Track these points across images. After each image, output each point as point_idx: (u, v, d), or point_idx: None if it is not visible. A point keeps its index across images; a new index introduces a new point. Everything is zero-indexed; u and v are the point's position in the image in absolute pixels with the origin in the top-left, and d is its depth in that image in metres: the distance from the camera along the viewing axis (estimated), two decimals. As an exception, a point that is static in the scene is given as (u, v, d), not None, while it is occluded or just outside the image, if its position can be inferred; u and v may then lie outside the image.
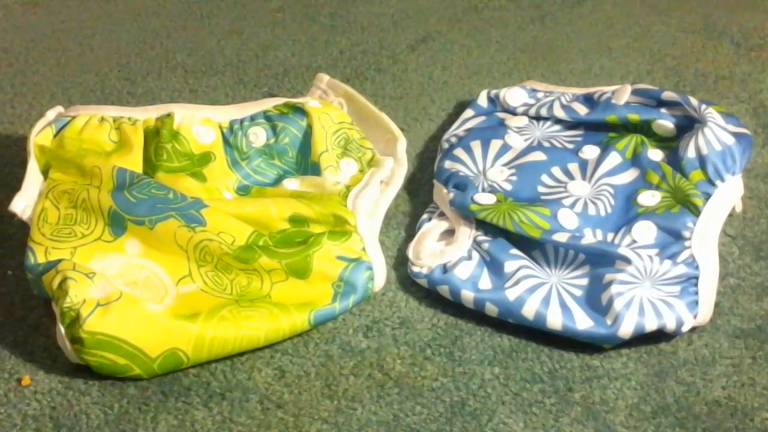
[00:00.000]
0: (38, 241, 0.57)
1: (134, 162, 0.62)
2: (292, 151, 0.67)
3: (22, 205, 0.59)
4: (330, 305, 0.57)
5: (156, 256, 0.57)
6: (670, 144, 0.66)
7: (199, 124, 0.65)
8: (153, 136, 0.64)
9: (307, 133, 0.67)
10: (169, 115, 0.65)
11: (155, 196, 0.58)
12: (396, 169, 0.67)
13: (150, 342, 0.53)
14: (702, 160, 0.63)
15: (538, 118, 0.71)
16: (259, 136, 0.66)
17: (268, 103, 0.68)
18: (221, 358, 0.55)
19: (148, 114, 0.65)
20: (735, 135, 0.64)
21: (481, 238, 0.60)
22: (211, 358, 0.55)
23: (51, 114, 0.65)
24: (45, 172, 0.61)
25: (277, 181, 0.66)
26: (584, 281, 0.58)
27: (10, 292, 0.60)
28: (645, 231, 0.60)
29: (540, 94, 0.72)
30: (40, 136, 0.63)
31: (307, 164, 0.66)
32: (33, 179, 0.61)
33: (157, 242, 0.57)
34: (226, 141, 0.66)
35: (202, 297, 0.56)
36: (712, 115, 0.64)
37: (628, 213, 0.62)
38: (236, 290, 0.57)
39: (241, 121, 0.66)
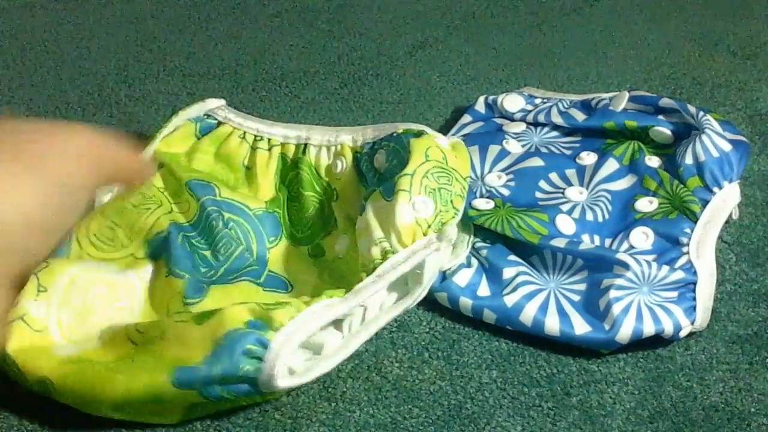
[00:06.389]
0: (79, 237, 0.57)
1: (256, 194, 0.61)
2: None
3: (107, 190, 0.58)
4: (196, 364, 0.48)
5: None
6: (668, 151, 0.66)
7: (335, 155, 0.61)
8: (289, 170, 0.61)
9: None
10: (305, 147, 0.61)
11: (197, 258, 0.57)
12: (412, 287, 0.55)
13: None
14: (699, 167, 0.63)
15: (535, 124, 0.71)
16: (379, 160, 0.59)
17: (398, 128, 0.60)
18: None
19: (287, 137, 0.62)
20: (732, 142, 0.64)
21: (480, 244, 0.60)
22: (76, 398, 0.50)
23: (211, 104, 0.65)
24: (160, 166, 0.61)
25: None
26: (582, 286, 0.58)
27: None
28: (642, 237, 0.60)
29: (538, 101, 0.73)
30: (182, 130, 0.63)
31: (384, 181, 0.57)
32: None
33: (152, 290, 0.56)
34: (358, 168, 0.60)
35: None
36: (710, 122, 0.65)
37: (625, 219, 0.62)
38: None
39: (373, 144, 0.60)
